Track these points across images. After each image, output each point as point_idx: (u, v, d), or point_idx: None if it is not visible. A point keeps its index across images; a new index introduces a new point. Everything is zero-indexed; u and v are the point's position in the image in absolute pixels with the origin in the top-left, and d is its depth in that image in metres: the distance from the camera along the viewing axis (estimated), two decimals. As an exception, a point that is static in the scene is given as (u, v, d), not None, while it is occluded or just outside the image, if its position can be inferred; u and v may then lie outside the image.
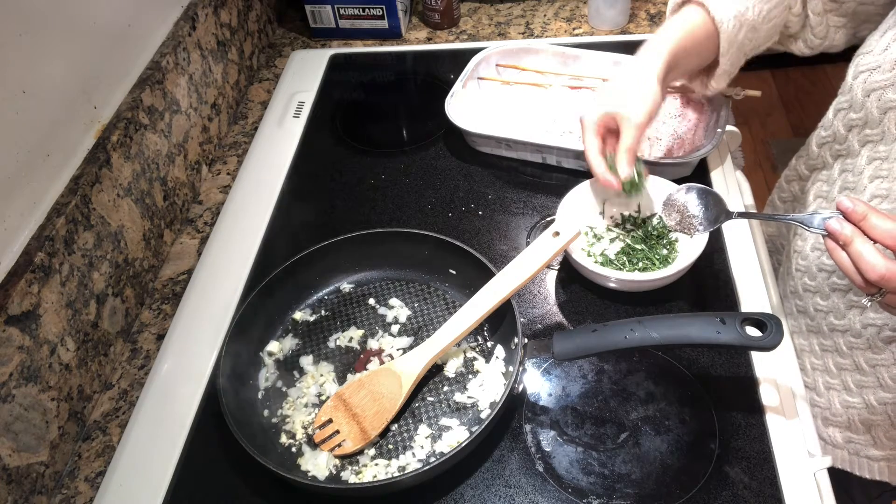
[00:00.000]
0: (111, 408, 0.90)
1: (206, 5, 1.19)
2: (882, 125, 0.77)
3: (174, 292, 1.02)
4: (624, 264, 0.91)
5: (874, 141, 0.79)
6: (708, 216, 0.87)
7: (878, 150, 0.79)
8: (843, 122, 0.83)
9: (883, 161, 0.78)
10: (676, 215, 0.89)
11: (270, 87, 1.34)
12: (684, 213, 0.88)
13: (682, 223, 0.88)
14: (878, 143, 0.79)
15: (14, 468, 0.75)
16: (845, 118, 0.83)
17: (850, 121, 0.82)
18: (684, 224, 0.88)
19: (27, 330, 0.77)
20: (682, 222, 0.88)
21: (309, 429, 0.81)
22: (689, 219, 0.88)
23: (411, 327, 0.90)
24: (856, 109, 0.80)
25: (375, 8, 1.36)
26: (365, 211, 1.07)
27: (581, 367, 0.86)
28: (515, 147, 1.09)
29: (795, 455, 0.77)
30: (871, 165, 0.80)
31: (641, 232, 0.94)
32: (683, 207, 0.88)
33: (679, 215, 0.89)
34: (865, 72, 0.78)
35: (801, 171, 0.98)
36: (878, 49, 0.77)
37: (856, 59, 0.81)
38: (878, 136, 0.78)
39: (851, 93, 0.81)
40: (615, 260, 0.92)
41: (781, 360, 0.85)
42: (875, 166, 0.79)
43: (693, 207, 0.88)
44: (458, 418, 0.81)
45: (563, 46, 1.20)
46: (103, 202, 0.91)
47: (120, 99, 0.99)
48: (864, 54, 0.79)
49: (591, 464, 0.77)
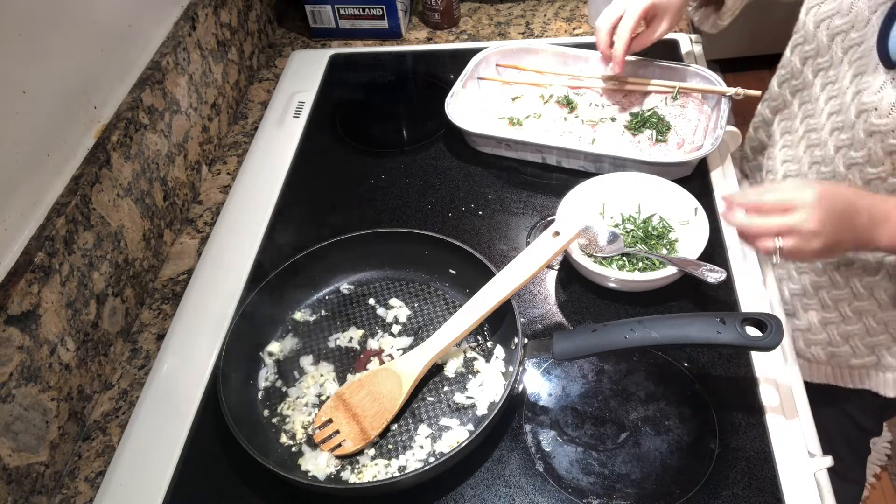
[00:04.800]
0: (111, 408, 0.90)
1: (206, 5, 1.18)
2: (830, 51, 0.90)
3: (174, 292, 1.02)
4: (624, 265, 0.91)
5: (825, 68, 0.92)
6: (609, 249, 0.92)
7: (828, 76, 0.91)
8: (799, 55, 0.96)
9: (833, 84, 0.90)
10: (584, 241, 0.93)
11: (270, 87, 1.34)
12: (592, 240, 0.93)
13: (587, 247, 0.93)
14: (828, 69, 0.91)
15: (14, 468, 0.75)
16: (801, 52, 0.95)
17: (804, 53, 0.95)
18: (589, 248, 0.93)
19: (27, 330, 0.77)
20: (588, 247, 0.93)
21: (309, 429, 0.81)
22: (594, 246, 0.93)
23: (411, 327, 0.90)
24: (808, 41, 0.93)
25: (375, 8, 1.36)
26: (365, 211, 1.07)
27: (581, 367, 0.86)
28: (515, 147, 1.09)
29: (795, 455, 0.77)
30: (824, 91, 0.92)
31: (642, 231, 0.94)
32: (594, 237, 0.93)
33: (587, 241, 0.93)
34: (815, 6, 0.91)
35: (766, 114, 1.08)
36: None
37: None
38: (828, 62, 0.91)
39: (804, 28, 0.93)
40: (615, 260, 0.92)
41: (782, 360, 0.85)
42: (828, 90, 0.91)
43: (601, 239, 0.93)
44: (458, 418, 0.81)
45: (563, 46, 1.20)
46: (103, 202, 0.91)
47: (120, 99, 0.99)
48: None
49: (591, 464, 0.77)
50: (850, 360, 0.99)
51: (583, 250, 0.93)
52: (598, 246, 0.92)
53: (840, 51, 0.88)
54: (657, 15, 1.03)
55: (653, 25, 1.04)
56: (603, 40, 1.05)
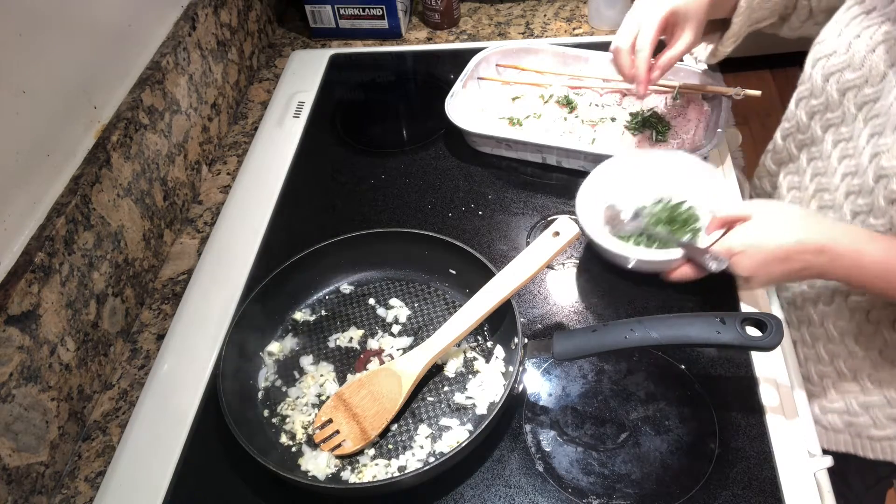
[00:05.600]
0: (111, 408, 0.90)
1: (206, 5, 1.18)
2: (842, 106, 0.82)
3: (174, 292, 1.02)
4: (641, 243, 0.90)
5: (836, 124, 0.84)
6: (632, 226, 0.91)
7: (840, 132, 0.84)
8: (806, 109, 0.88)
9: (847, 141, 0.83)
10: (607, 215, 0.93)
11: (270, 87, 1.34)
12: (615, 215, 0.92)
13: (610, 222, 0.92)
14: (839, 125, 0.84)
15: (14, 468, 0.75)
16: (807, 106, 0.88)
17: (811, 108, 0.87)
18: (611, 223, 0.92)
19: (27, 330, 0.77)
20: (610, 221, 0.92)
21: (309, 429, 0.81)
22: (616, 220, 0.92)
23: (411, 327, 0.90)
24: (816, 95, 0.86)
25: (375, 8, 1.36)
26: (365, 211, 1.07)
27: (581, 367, 0.86)
28: (515, 147, 1.09)
29: (795, 455, 0.77)
30: (836, 148, 0.84)
31: (667, 214, 0.93)
32: (616, 213, 0.92)
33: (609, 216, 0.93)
34: (822, 58, 0.84)
35: (770, 167, 1.01)
36: (831, 36, 0.83)
37: (813, 49, 0.86)
38: (839, 118, 0.83)
39: (811, 80, 0.86)
40: (633, 238, 0.91)
41: (781, 359, 0.85)
42: (841, 148, 0.84)
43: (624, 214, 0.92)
44: (458, 418, 0.81)
45: (563, 46, 1.20)
46: (103, 202, 0.91)
47: (120, 99, 0.99)
48: (819, 43, 0.85)
49: (591, 464, 0.77)
50: (870, 431, 0.89)
51: (606, 225, 0.91)
52: (620, 220, 0.90)
53: (853, 106, 0.81)
54: (678, 24, 0.92)
55: (675, 36, 0.94)
56: (625, 63, 0.94)
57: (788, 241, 0.77)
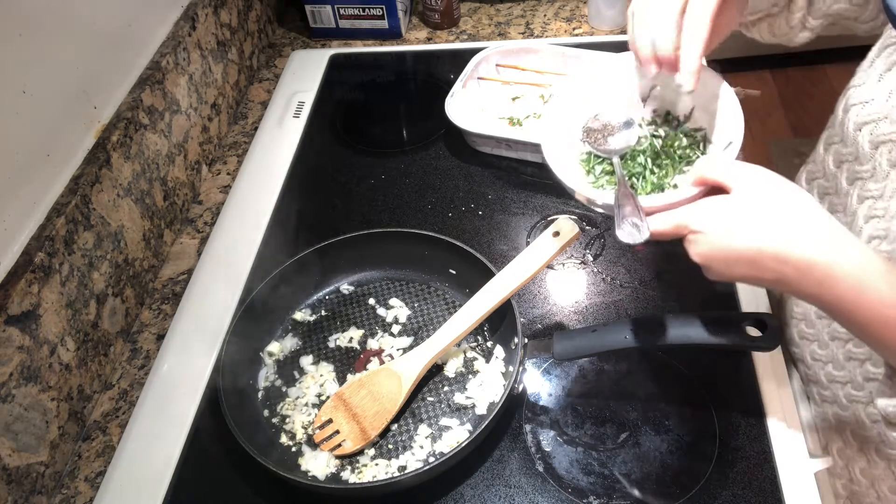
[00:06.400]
0: (111, 408, 0.90)
1: (206, 5, 1.19)
2: (873, 160, 0.70)
3: (174, 292, 1.02)
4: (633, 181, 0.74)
5: (864, 178, 0.72)
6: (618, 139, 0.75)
7: (867, 189, 0.72)
8: (833, 157, 0.78)
9: (876, 200, 0.71)
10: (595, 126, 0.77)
11: (270, 87, 1.34)
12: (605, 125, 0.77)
13: (591, 135, 0.77)
14: (867, 180, 0.72)
15: (14, 468, 0.75)
16: (836, 153, 0.77)
17: (839, 155, 0.76)
18: (594, 136, 0.76)
19: (27, 330, 0.77)
20: (593, 134, 0.76)
21: (309, 429, 0.81)
22: (604, 132, 0.76)
23: (411, 327, 0.90)
24: (846, 143, 0.74)
25: (375, 8, 1.36)
26: (365, 211, 1.07)
27: (581, 367, 0.86)
28: (515, 147, 1.09)
29: (795, 455, 0.77)
30: (863, 205, 0.73)
31: (673, 144, 0.77)
32: (606, 121, 0.76)
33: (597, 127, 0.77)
34: (858, 104, 0.71)
35: None
36: (871, 80, 0.71)
37: (847, 92, 0.75)
38: (869, 172, 0.71)
39: (842, 127, 0.74)
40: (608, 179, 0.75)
41: (781, 359, 0.85)
42: (868, 206, 0.72)
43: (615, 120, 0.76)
44: (458, 418, 0.81)
45: (563, 46, 1.20)
46: (103, 202, 0.91)
47: (120, 99, 0.99)
48: (857, 87, 0.73)
49: (591, 464, 0.77)
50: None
51: (586, 141, 0.76)
52: (612, 127, 0.74)
53: (886, 163, 0.69)
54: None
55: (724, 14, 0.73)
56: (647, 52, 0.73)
57: (765, 243, 0.60)
